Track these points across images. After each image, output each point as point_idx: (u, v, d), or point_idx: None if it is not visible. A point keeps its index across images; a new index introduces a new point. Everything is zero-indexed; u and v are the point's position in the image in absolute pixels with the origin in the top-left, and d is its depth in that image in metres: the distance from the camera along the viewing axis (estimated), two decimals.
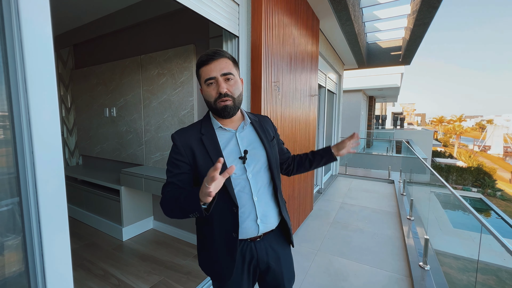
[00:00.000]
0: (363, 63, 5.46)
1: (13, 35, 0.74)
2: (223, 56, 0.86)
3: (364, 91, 10.38)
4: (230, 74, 0.86)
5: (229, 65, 0.86)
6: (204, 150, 0.88)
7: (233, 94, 0.87)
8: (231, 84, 0.86)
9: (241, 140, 0.92)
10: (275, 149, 1.01)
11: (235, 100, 0.88)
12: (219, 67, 0.84)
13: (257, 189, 0.91)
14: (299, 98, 2.58)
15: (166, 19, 2.46)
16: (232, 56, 0.90)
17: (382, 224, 3.15)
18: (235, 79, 0.88)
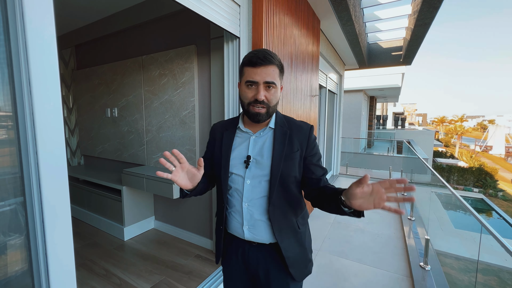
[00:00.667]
0: (364, 64, 5.46)
1: (17, 36, 0.75)
2: (272, 64, 0.84)
3: (365, 91, 10.37)
4: (273, 84, 0.84)
5: (275, 74, 0.85)
6: (220, 144, 0.95)
7: (270, 103, 0.86)
8: (271, 93, 0.85)
9: (253, 145, 0.91)
10: (291, 163, 0.88)
11: (270, 109, 0.87)
12: (265, 74, 0.83)
13: (249, 197, 0.89)
14: (299, 99, 2.59)
15: (167, 20, 2.47)
16: (281, 63, 0.88)
17: (383, 224, 3.15)
18: (276, 88, 0.87)
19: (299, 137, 0.90)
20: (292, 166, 0.88)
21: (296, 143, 0.89)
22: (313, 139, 0.91)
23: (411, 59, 5.10)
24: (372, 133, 12.96)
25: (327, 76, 4.33)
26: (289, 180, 0.88)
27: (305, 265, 0.94)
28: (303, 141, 0.90)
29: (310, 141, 0.90)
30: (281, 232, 0.89)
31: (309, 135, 0.91)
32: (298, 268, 0.92)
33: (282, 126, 0.92)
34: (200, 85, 2.33)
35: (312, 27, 2.90)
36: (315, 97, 3.15)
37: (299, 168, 0.89)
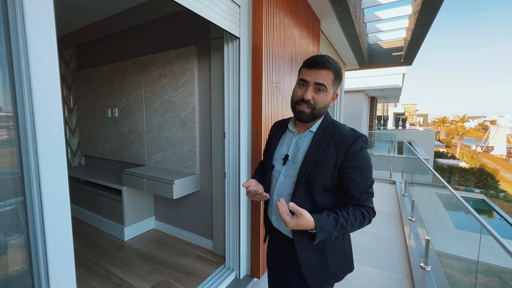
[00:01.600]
0: (365, 64, 5.45)
1: (18, 37, 0.76)
2: (327, 68, 0.85)
3: (365, 91, 10.36)
4: (323, 86, 0.85)
5: (327, 78, 0.86)
6: (270, 141, 1.06)
7: (316, 104, 0.87)
8: (319, 95, 0.87)
9: (294, 145, 0.96)
10: (321, 170, 0.87)
11: (315, 111, 0.88)
12: (317, 76, 0.85)
13: (279, 191, 0.96)
14: None
15: (168, 21, 2.48)
16: (338, 70, 0.88)
17: (383, 224, 3.14)
18: (326, 92, 0.87)
19: (338, 146, 0.86)
20: (321, 173, 0.87)
21: (333, 151, 0.86)
22: (354, 151, 0.84)
23: (412, 60, 5.09)
24: (373, 134, 12.94)
25: None
26: (316, 185, 0.88)
27: (322, 274, 0.94)
28: (341, 150, 0.85)
29: (349, 152, 0.84)
30: (300, 232, 0.90)
31: (350, 146, 0.84)
32: (312, 273, 0.93)
33: (324, 131, 0.91)
34: (200, 86, 2.34)
35: (312, 28, 2.90)
36: None
37: (331, 177, 0.87)
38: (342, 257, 0.96)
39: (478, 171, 17.55)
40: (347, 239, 0.99)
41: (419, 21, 3.23)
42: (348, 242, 1.00)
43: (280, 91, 2.09)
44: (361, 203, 0.85)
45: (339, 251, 0.95)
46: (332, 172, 0.86)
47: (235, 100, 1.88)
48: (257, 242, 1.95)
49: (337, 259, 0.95)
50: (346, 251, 0.97)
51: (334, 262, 0.94)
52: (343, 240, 0.96)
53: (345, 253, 0.97)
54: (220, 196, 2.26)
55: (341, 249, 0.95)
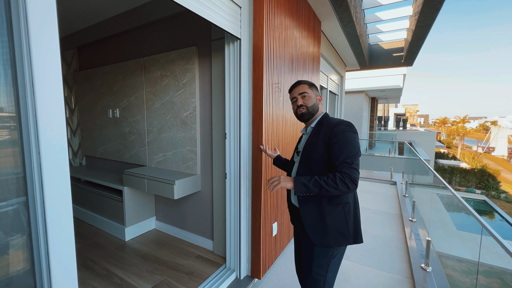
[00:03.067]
0: (365, 65, 5.46)
1: (21, 38, 0.76)
2: (301, 84, 1.31)
3: (366, 92, 10.36)
4: (305, 93, 1.28)
5: (304, 87, 1.29)
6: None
7: (307, 104, 1.27)
8: (305, 98, 1.28)
9: (303, 141, 1.32)
10: (315, 148, 1.18)
11: (309, 109, 1.27)
12: (297, 90, 1.30)
13: (294, 172, 1.30)
14: None
15: (169, 22, 2.49)
16: (308, 82, 1.32)
17: (383, 225, 3.14)
18: (309, 95, 1.28)
19: (326, 130, 1.17)
20: (315, 150, 1.18)
21: (322, 134, 1.17)
22: (336, 131, 1.12)
23: (413, 60, 5.09)
24: (373, 135, 12.93)
25: (328, 77, 4.34)
26: (311, 160, 1.19)
27: (323, 235, 1.16)
28: (327, 132, 1.15)
29: (333, 131, 1.13)
30: (304, 200, 1.19)
31: (333, 128, 1.14)
32: (314, 233, 1.17)
33: (319, 125, 1.24)
34: (201, 86, 2.34)
35: (313, 29, 2.91)
36: None
37: (322, 153, 1.15)
38: (342, 224, 1.15)
39: (479, 171, 17.51)
40: (349, 211, 1.16)
41: (419, 22, 3.23)
42: (350, 213, 1.16)
43: (281, 92, 2.10)
44: (339, 169, 1.07)
45: (339, 218, 1.15)
46: (323, 148, 1.15)
47: (236, 101, 1.88)
48: (258, 242, 1.95)
49: (337, 224, 1.14)
50: (348, 220, 1.15)
51: (334, 227, 1.15)
52: (343, 209, 1.15)
53: (345, 221, 1.15)
54: (220, 196, 2.26)
55: (340, 216, 1.15)
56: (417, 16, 3.12)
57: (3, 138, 0.83)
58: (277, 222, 2.21)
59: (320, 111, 1.31)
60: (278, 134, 2.12)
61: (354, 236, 1.17)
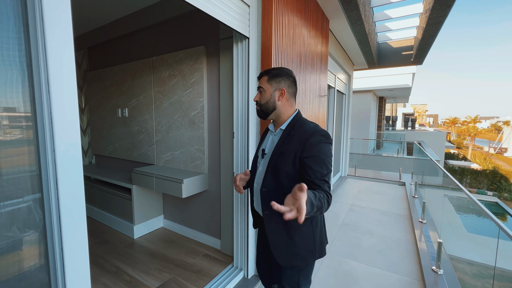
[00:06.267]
0: (374, 64, 5.38)
1: (37, 39, 0.78)
2: (262, 75, 1.13)
3: (374, 91, 10.23)
4: (261, 88, 1.12)
5: (263, 81, 1.12)
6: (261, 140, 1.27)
7: (260, 101, 1.13)
8: (260, 95, 1.13)
9: (270, 142, 1.15)
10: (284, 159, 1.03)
11: (262, 107, 1.12)
12: (258, 83, 1.15)
13: (257, 179, 1.16)
14: (308, 99, 2.57)
15: (177, 22, 2.51)
16: (273, 72, 1.11)
17: (393, 226, 3.09)
18: (264, 90, 1.11)
19: (299, 139, 1.02)
20: (284, 162, 1.03)
21: (294, 143, 1.02)
22: (311, 144, 0.98)
23: (423, 59, 5.00)
24: (381, 135, 12.75)
25: (335, 76, 4.30)
26: (281, 172, 1.04)
27: (291, 256, 1.07)
28: (300, 143, 1.00)
29: (307, 144, 0.99)
30: (270, 213, 1.07)
31: (307, 139, 0.99)
32: (283, 255, 1.08)
33: (291, 128, 1.08)
34: (209, 86, 2.35)
35: (321, 27, 2.88)
36: (323, 98, 3.12)
37: (292, 165, 1.02)
38: (310, 241, 1.06)
39: (491, 173, 17.07)
40: (316, 224, 1.08)
41: (430, 19, 3.16)
42: (317, 227, 1.09)
43: None
44: (318, 187, 0.95)
45: (307, 234, 1.06)
46: (293, 161, 1.01)
47: (244, 100, 1.88)
48: None
49: (305, 242, 1.06)
50: (315, 236, 1.07)
51: (302, 244, 1.06)
52: (311, 224, 1.06)
53: (313, 236, 1.07)
54: (228, 195, 2.27)
55: (309, 232, 1.06)
56: (428, 14, 3.06)
57: (19, 137, 0.85)
58: None
59: (287, 110, 1.11)
60: None
61: (319, 251, 1.09)
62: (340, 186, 4.87)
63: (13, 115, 0.83)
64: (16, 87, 0.80)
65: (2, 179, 0.81)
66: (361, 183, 5.21)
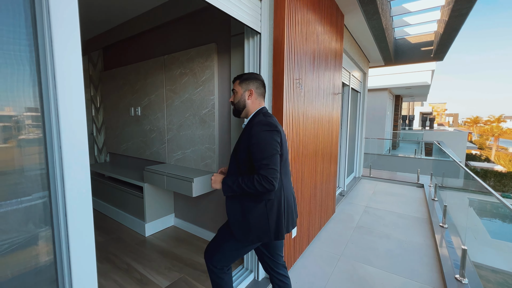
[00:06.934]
0: (390, 60, 5.18)
1: (44, 37, 0.76)
2: (236, 79, 1.32)
3: (390, 90, 9.87)
4: (234, 90, 1.32)
5: (235, 84, 1.31)
6: None
7: (234, 101, 1.31)
8: (234, 96, 1.31)
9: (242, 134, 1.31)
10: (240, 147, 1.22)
11: (235, 106, 1.31)
12: (232, 86, 1.34)
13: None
14: (322, 97, 2.49)
15: (188, 19, 2.49)
16: (242, 76, 1.31)
17: (411, 230, 2.94)
18: (236, 91, 1.30)
19: (249, 130, 1.19)
20: (241, 150, 1.21)
21: (247, 133, 1.19)
22: (254, 132, 1.14)
23: (444, 54, 4.75)
24: (397, 134, 12.32)
25: (350, 74, 4.16)
26: (239, 159, 1.22)
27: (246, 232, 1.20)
28: (249, 132, 1.17)
29: (251, 133, 1.15)
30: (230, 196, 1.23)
31: (252, 128, 1.16)
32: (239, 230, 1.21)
33: (250, 123, 1.23)
34: (220, 84, 2.32)
35: (336, 23, 2.78)
36: (337, 96, 3.02)
37: (246, 153, 1.18)
38: (263, 221, 1.17)
39: None
40: (271, 207, 1.18)
41: (454, 12, 2.98)
42: (273, 210, 1.18)
43: (302, 88, 2.01)
44: (257, 171, 1.11)
45: (260, 215, 1.17)
46: (245, 148, 1.18)
47: None
48: None
49: (259, 221, 1.17)
50: (269, 217, 1.17)
51: (255, 224, 1.17)
52: (265, 206, 1.17)
53: (267, 218, 1.17)
54: None
55: (262, 213, 1.17)
56: (451, 6, 2.88)
57: (29, 136, 0.84)
58: (296, 224, 2.13)
59: (254, 108, 1.29)
60: (299, 133, 2.04)
61: (275, 232, 1.19)
62: (354, 187, 4.73)
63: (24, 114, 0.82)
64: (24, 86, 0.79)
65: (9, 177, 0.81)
66: (376, 184, 5.03)
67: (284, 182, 1.23)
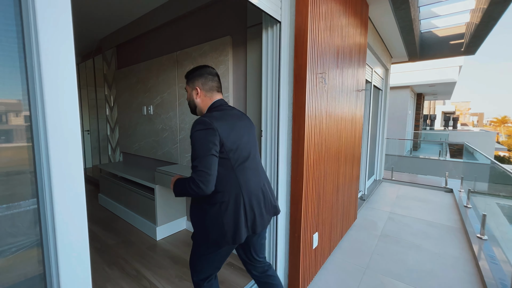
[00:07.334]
0: (415, 55, 4.83)
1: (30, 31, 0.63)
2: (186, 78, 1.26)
3: (412, 87, 9.34)
4: (185, 89, 1.30)
5: (186, 84, 1.26)
6: None
7: (188, 101, 1.28)
8: (187, 95, 1.28)
9: None
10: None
11: (189, 105, 1.28)
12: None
13: None
14: (346, 94, 2.27)
15: (201, 12, 2.36)
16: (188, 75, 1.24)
17: (443, 241, 2.66)
18: (187, 92, 1.27)
19: None
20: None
21: None
22: (191, 133, 1.10)
23: (476, 48, 4.35)
24: (419, 135, 11.69)
25: (372, 70, 3.88)
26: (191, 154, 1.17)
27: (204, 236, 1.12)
28: None
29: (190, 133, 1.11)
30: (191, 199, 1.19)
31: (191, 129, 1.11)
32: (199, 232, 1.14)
33: None
34: (235, 79, 2.16)
35: (360, 14, 2.54)
36: (361, 93, 2.78)
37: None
38: (219, 224, 1.09)
39: None
40: (226, 209, 1.09)
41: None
42: (228, 213, 1.09)
43: (326, 83, 1.82)
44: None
45: (215, 218, 1.09)
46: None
47: (274, 93, 1.66)
48: (297, 255, 1.71)
49: (215, 224, 1.09)
50: (225, 220, 1.08)
51: (211, 228, 1.10)
52: (220, 208, 1.09)
53: (222, 221, 1.08)
54: None
55: (216, 216, 1.09)
56: None
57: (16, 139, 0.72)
58: (318, 233, 1.94)
59: (205, 105, 1.23)
60: (323, 133, 1.84)
61: (233, 236, 1.10)
62: (375, 190, 4.43)
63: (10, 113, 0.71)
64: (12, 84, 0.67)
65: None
66: (399, 187, 4.71)
67: (242, 181, 1.12)
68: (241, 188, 1.11)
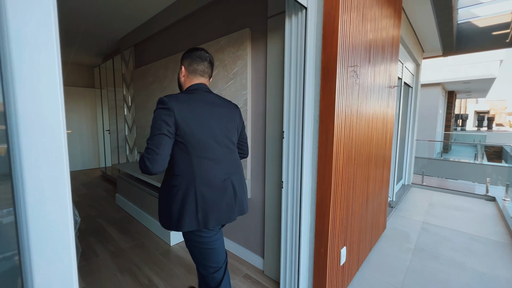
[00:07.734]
0: (451, 49, 4.38)
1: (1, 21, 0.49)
2: None
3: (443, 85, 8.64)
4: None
5: None
6: None
7: None
8: None
9: None
10: None
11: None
12: None
13: None
14: (377, 91, 2.02)
15: (218, 5, 2.21)
16: (183, 55, 1.25)
17: (491, 259, 2.31)
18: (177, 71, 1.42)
19: None
20: None
21: None
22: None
23: None
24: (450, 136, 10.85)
25: (403, 65, 3.55)
26: None
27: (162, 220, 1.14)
28: None
29: None
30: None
31: None
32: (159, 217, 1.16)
33: None
34: (254, 75, 1.99)
35: (394, 2, 2.27)
36: (393, 90, 2.50)
37: None
38: (167, 206, 1.09)
39: None
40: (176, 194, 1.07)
41: None
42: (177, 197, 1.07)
43: (358, 78, 1.59)
44: None
45: (165, 202, 1.11)
46: None
47: (298, 90, 1.46)
48: (323, 274, 1.50)
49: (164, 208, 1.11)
50: (173, 205, 1.07)
51: (162, 210, 1.13)
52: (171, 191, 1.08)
53: (170, 204, 1.08)
54: (274, 208, 1.87)
55: (166, 200, 1.10)
56: None
57: None
58: (346, 247, 1.71)
59: (185, 86, 1.23)
60: (353, 134, 1.61)
61: (177, 222, 1.08)
62: (404, 196, 4.07)
63: None
64: None
65: None
66: (432, 194, 4.29)
67: (198, 170, 1.07)
68: (195, 177, 1.06)
